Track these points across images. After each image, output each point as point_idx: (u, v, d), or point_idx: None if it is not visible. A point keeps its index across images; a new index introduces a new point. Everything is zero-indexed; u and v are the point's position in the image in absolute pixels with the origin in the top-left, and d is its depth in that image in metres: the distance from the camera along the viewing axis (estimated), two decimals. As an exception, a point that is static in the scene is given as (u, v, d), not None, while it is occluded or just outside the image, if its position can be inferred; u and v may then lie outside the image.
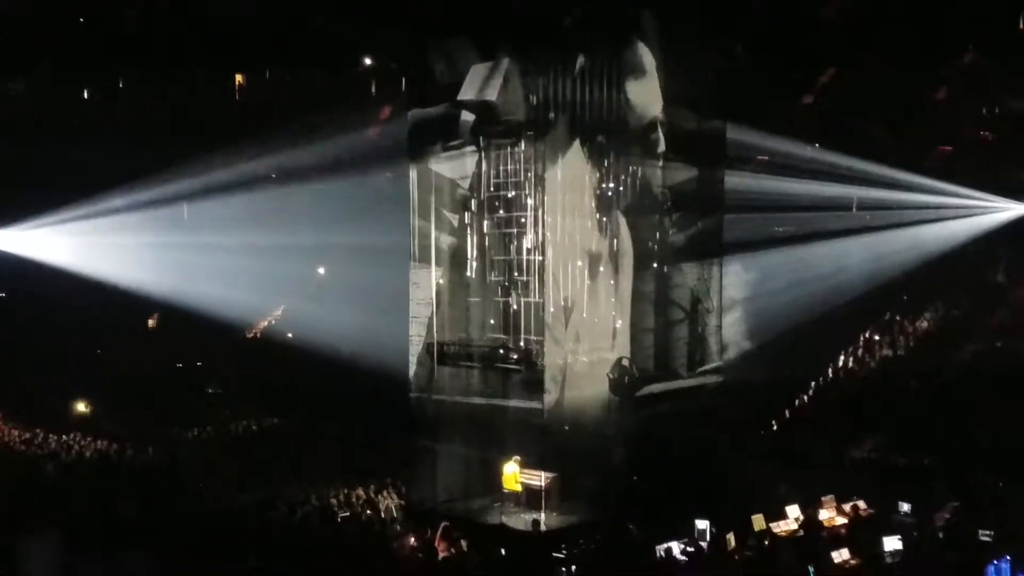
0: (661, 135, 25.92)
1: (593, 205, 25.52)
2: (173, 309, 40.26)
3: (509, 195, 25.27)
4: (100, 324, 39.66)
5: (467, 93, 25.31)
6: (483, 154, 25.56)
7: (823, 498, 23.22)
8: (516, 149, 24.96)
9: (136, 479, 27.59)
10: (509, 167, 25.16)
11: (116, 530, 20.67)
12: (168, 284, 39.35)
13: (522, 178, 24.86)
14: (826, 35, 36.11)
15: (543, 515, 23.57)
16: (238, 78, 42.90)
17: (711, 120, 26.95)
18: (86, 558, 18.76)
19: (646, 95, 25.46)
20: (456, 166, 25.91)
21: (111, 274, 38.42)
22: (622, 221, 25.85)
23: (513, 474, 24.63)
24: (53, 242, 38.89)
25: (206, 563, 18.80)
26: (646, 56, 25.32)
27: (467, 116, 25.45)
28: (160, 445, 32.09)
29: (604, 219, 25.68)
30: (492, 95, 24.97)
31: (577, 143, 24.82)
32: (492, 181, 25.51)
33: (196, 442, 34.69)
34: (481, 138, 25.43)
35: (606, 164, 25.62)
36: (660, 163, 26.19)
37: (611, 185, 25.72)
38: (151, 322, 44.06)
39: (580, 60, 24.65)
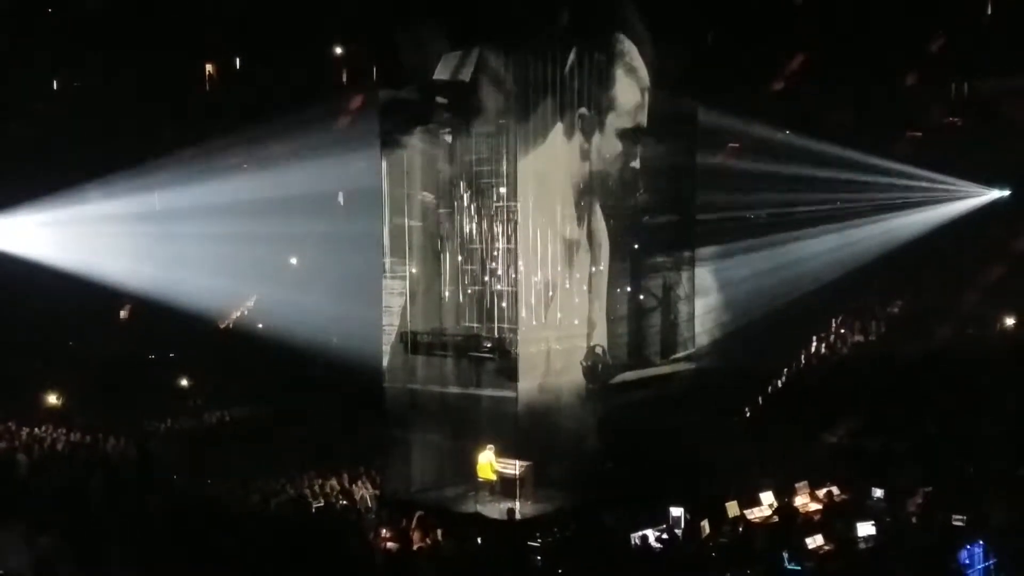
0: (640, 122, 25.96)
1: (568, 193, 25.48)
2: (145, 300, 40.01)
3: (483, 183, 25.23)
4: (71, 315, 39.36)
5: (440, 78, 25.24)
6: (457, 141, 25.51)
7: (797, 484, 23.28)
8: (491, 136, 24.89)
9: (109, 471, 27.42)
10: (484, 154, 25.10)
11: (89, 522, 20.54)
12: (139, 274, 39.09)
13: (497, 166, 24.80)
14: (795, 21, 36.19)
15: (518, 503, 23.56)
16: (208, 67, 42.64)
17: (683, 106, 27.00)
18: (59, 550, 18.66)
19: (626, 83, 25.49)
20: (429, 154, 25.84)
21: (82, 264, 38.12)
22: (597, 209, 25.85)
23: (488, 463, 24.60)
24: (22, 232, 38.56)
25: (179, 554, 18.71)
26: (627, 43, 25.33)
27: (440, 102, 25.39)
28: (133, 437, 31.91)
29: (579, 207, 25.65)
30: (466, 80, 24.91)
31: (552, 131, 24.79)
32: (466, 169, 25.44)
33: (169, 433, 34.53)
34: (455, 125, 25.38)
35: (581, 153, 25.57)
36: (635, 151, 26.18)
37: (586, 174, 25.68)
38: (123, 313, 43.76)
39: (572, 54, 24.68)
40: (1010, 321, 35.13)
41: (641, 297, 27.24)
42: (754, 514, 22.14)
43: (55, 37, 38.25)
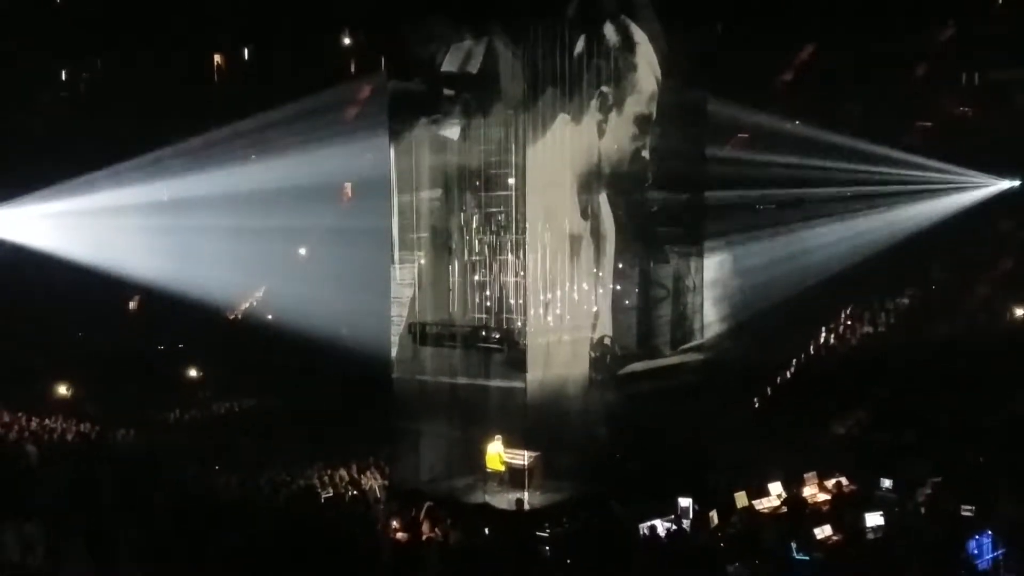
0: (651, 111, 25.93)
1: (576, 184, 25.44)
2: (154, 291, 40.07)
3: (491, 173, 25.21)
4: (81, 306, 39.44)
5: (449, 68, 25.22)
6: (466, 131, 25.47)
7: (805, 475, 23.27)
8: (500, 126, 24.86)
9: (118, 462, 27.49)
10: (493, 144, 25.08)
11: (98, 513, 20.58)
12: (148, 265, 39.14)
13: (505, 156, 24.78)
14: (805, 11, 36.16)
15: (526, 494, 23.57)
16: (217, 58, 42.71)
17: (693, 97, 26.92)
18: (68, 541, 18.70)
19: (641, 69, 25.46)
20: (437, 144, 25.82)
21: (90, 256, 38.19)
22: (604, 199, 25.81)
23: (496, 454, 24.61)
24: (31, 223, 38.62)
25: (189, 544, 18.75)
26: (638, 32, 25.30)
27: (448, 93, 25.37)
28: (142, 428, 31.99)
29: (587, 198, 25.62)
30: (474, 71, 24.90)
31: (559, 120, 24.76)
32: (475, 159, 25.42)
33: (178, 424, 34.60)
34: (463, 115, 25.35)
35: (589, 142, 25.51)
36: (645, 140, 26.12)
37: (595, 163, 25.63)
38: (132, 304, 43.84)
39: (580, 41, 24.63)
40: (1020, 312, 35.02)
41: (650, 288, 27.21)
42: (763, 505, 22.15)
43: (63, 27, 38.32)
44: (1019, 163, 36.17)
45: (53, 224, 38.38)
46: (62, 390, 36.55)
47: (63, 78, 41.83)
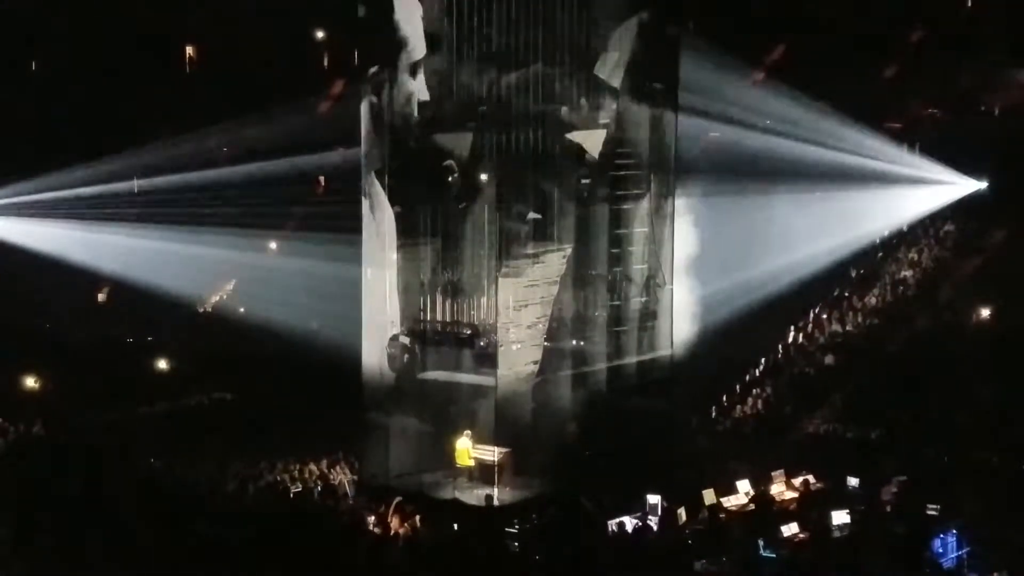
0: (612, 109, 25.95)
1: (540, 182, 25.43)
2: (123, 283, 39.84)
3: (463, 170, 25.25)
4: (48, 298, 39.19)
5: (420, 71, 25.25)
6: (436, 128, 25.46)
7: (773, 473, 23.44)
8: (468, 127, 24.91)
9: (86, 455, 27.33)
10: (463, 141, 25.07)
11: (65, 507, 20.49)
12: (117, 258, 38.95)
13: (471, 155, 24.82)
14: (776, 10, 36.31)
15: (496, 490, 23.65)
16: (188, 50, 42.51)
17: (663, 93, 26.91)
18: (36, 536, 18.63)
19: (602, 72, 25.52)
20: (410, 139, 25.77)
21: (59, 248, 37.98)
22: (571, 197, 25.81)
23: (466, 449, 24.68)
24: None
25: (156, 539, 18.70)
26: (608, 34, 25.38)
27: (420, 89, 25.37)
28: (110, 420, 31.79)
29: (554, 195, 25.61)
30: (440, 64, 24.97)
31: (525, 119, 24.83)
32: (445, 156, 25.40)
33: (146, 418, 34.39)
34: (435, 111, 25.36)
35: (552, 140, 25.49)
36: (612, 137, 26.13)
37: (559, 162, 25.61)
38: (101, 296, 43.55)
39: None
40: (985, 312, 35.26)
41: (620, 285, 27.21)
42: (730, 502, 22.32)
43: (28, 20, 38.09)
44: (986, 164, 36.50)
45: (18, 215, 38.17)
46: (29, 383, 36.28)
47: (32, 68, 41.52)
